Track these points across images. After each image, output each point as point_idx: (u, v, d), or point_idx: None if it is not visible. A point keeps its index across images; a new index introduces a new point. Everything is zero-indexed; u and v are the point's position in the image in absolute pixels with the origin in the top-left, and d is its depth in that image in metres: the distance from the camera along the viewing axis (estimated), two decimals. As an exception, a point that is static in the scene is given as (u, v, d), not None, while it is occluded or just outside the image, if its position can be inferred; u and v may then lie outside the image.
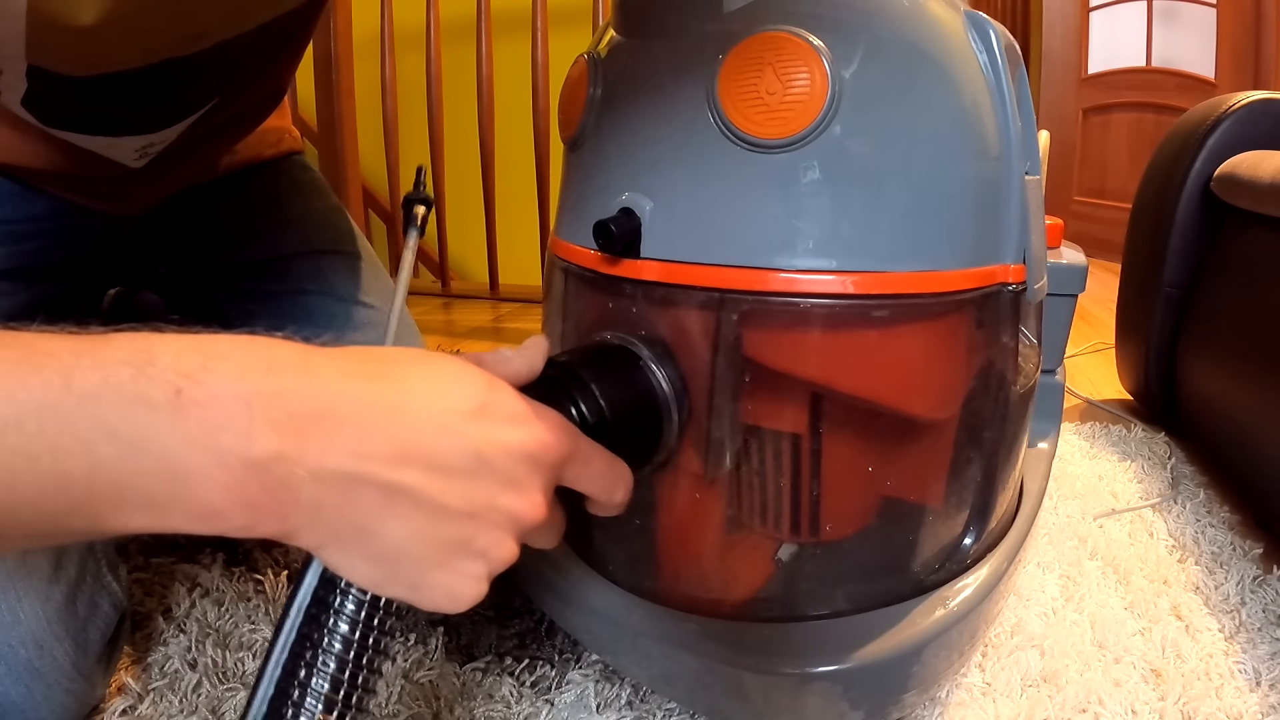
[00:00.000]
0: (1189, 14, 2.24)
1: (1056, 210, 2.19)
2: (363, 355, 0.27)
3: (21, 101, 0.46)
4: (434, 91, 1.59)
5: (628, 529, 0.44)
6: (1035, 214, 0.42)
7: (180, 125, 0.54)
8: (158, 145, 0.55)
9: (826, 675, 0.38)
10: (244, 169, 0.68)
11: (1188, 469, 0.82)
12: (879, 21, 0.36)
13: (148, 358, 0.23)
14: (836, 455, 0.39)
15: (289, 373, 0.25)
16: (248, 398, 0.24)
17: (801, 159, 0.35)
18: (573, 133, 0.43)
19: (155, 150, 0.55)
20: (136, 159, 0.54)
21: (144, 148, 0.54)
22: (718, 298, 0.37)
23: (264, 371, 0.24)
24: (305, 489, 0.24)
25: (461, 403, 0.27)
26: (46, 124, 0.49)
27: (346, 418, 0.25)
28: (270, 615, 0.55)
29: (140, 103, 0.49)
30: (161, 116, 0.52)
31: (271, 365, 0.25)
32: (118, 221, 0.59)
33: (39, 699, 0.41)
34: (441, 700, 0.47)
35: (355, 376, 0.26)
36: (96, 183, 0.55)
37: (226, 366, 0.24)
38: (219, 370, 0.24)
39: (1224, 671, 0.50)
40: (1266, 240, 0.75)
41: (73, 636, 0.43)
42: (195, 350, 0.24)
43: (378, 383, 0.26)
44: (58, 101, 0.47)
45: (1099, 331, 1.37)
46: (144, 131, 0.52)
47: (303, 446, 0.24)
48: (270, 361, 0.25)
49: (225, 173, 0.67)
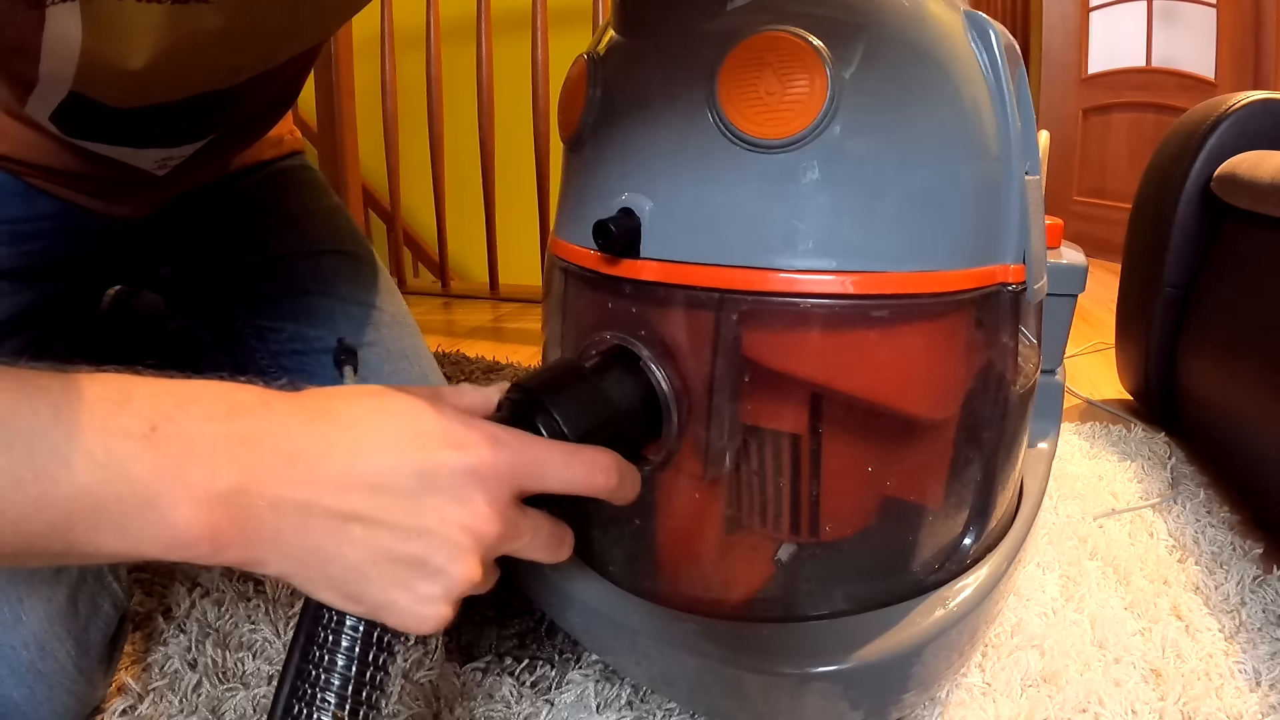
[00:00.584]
0: (1189, 14, 2.24)
1: (1056, 210, 2.19)
2: (315, 395, 0.30)
3: (50, 116, 0.47)
4: (434, 91, 1.59)
5: (627, 529, 0.44)
6: (1035, 214, 0.42)
7: (196, 145, 0.55)
8: (178, 158, 0.55)
9: (826, 675, 0.38)
10: (246, 169, 0.69)
11: (1188, 469, 0.82)
12: (879, 21, 0.36)
13: (125, 396, 0.26)
14: (836, 455, 0.39)
15: (248, 415, 0.28)
16: (213, 437, 0.27)
17: (801, 159, 0.35)
18: (572, 133, 0.43)
19: (175, 162, 0.56)
20: (157, 168, 0.55)
21: (164, 159, 0.55)
22: (717, 298, 0.37)
23: (226, 414, 0.27)
24: (265, 518, 0.27)
25: (404, 430, 0.29)
26: (71, 135, 0.49)
27: (299, 453, 0.28)
28: (270, 615, 0.55)
29: (170, 125, 0.51)
30: (189, 135, 0.53)
31: (234, 408, 0.28)
32: (120, 222, 0.59)
33: (41, 700, 0.41)
34: (441, 700, 0.47)
35: (307, 415, 0.29)
36: (107, 185, 0.55)
37: (195, 409, 0.27)
38: (188, 412, 0.27)
39: (1224, 671, 0.50)
40: (1266, 240, 0.75)
41: (74, 637, 0.43)
42: (168, 393, 0.27)
43: (326, 420, 0.29)
44: (88, 120, 0.48)
45: (1099, 331, 1.37)
46: (168, 146, 0.53)
47: (260, 480, 0.27)
48: (233, 405, 0.28)
49: (228, 173, 0.67)
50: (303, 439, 0.28)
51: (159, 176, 0.56)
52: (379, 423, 0.29)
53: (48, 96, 0.45)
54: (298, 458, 0.27)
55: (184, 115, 0.49)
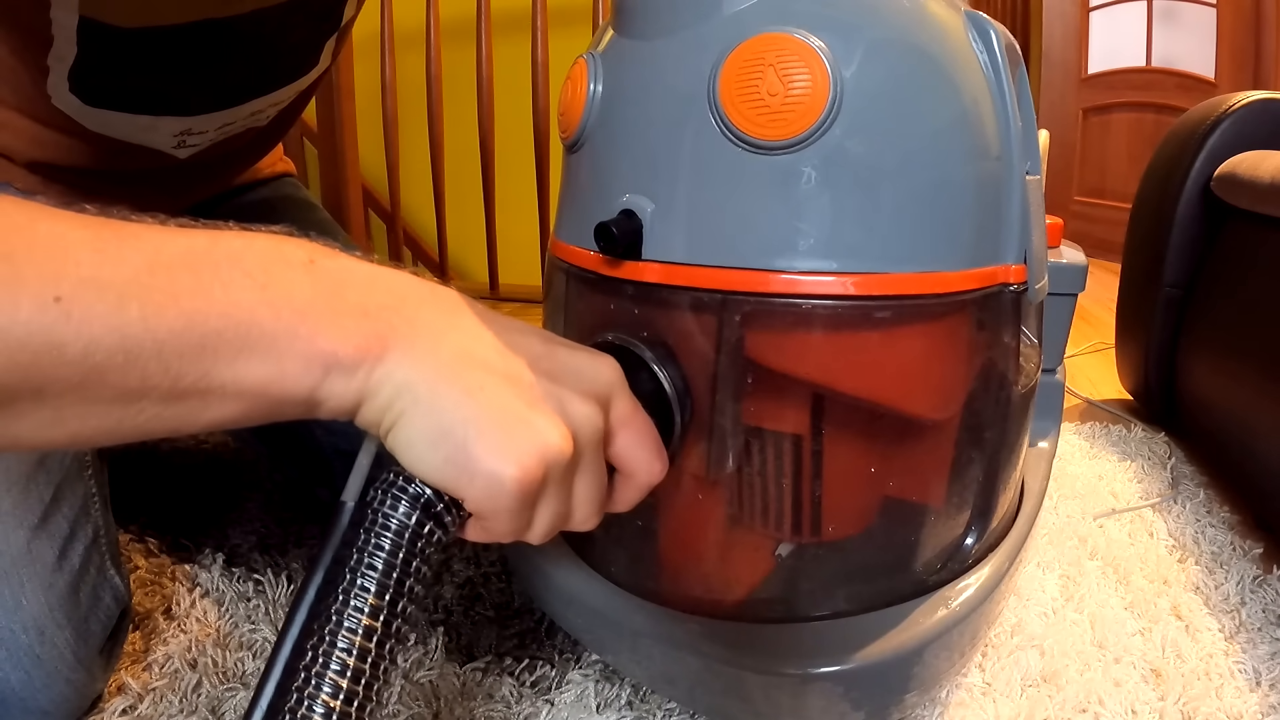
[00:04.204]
0: (1189, 14, 2.24)
1: (1056, 210, 2.18)
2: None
3: (70, 73, 0.47)
4: (434, 91, 1.59)
5: (629, 529, 0.44)
6: (1036, 214, 0.42)
7: (217, 116, 0.55)
8: (195, 136, 0.56)
9: (828, 676, 0.38)
10: (245, 186, 0.72)
11: (1188, 469, 0.82)
12: (880, 22, 0.36)
13: (285, 237, 0.27)
14: (838, 456, 0.39)
15: (403, 271, 0.29)
16: (368, 272, 0.28)
17: (803, 160, 0.35)
18: (572, 134, 0.43)
19: (192, 142, 0.56)
20: (175, 146, 0.55)
21: (182, 134, 0.55)
22: (720, 299, 0.37)
23: (376, 264, 0.29)
24: (409, 337, 0.27)
25: (537, 329, 0.32)
26: (91, 103, 0.50)
27: (445, 299, 0.29)
28: (270, 615, 0.55)
29: (179, 71, 0.51)
30: (199, 94, 0.54)
31: (387, 265, 0.29)
32: None
33: (39, 686, 0.42)
34: (441, 700, 0.47)
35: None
36: (118, 186, 0.56)
37: (352, 256, 0.28)
38: (346, 256, 0.28)
39: (1224, 671, 0.51)
40: (1266, 240, 0.75)
41: (74, 625, 0.44)
42: (324, 244, 0.28)
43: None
44: (103, 71, 0.48)
45: (1099, 331, 1.37)
46: (183, 112, 0.54)
47: (412, 305, 0.28)
48: (386, 264, 0.29)
49: (230, 188, 0.70)
50: (449, 295, 0.30)
51: (173, 169, 0.56)
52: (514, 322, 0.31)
53: (63, 51, 0.45)
54: (442, 302, 0.29)
55: (189, 53, 0.50)
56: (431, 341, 0.27)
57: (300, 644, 0.26)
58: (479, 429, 0.27)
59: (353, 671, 0.25)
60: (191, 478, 0.79)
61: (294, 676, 0.25)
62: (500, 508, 0.27)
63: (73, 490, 0.47)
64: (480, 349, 0.28)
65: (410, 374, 0.27)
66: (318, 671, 0.25)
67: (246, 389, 0.25)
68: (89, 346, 0.22)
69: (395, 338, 0.27)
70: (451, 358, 0.27)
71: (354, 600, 0.26)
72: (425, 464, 0.27)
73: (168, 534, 0.66)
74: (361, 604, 0.26)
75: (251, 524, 0.68)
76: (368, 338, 0.26)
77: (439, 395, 0.27)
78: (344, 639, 0.25)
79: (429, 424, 0.27)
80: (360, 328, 0.26)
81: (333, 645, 0.25)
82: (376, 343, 0.26)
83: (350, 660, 0.25)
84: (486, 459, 0.26)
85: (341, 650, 0.25)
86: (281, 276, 0.26)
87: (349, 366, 0.26)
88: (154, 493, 0.73)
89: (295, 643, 0.26)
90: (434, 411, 0.26)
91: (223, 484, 0.76)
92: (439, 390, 0.27)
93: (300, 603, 0.27)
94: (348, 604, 0.26)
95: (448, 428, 0.26)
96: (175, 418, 0.25)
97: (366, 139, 1.71)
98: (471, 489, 0.27)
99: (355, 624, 0.26)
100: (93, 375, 0.23)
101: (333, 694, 0.25)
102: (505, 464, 0.26)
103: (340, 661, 0.25)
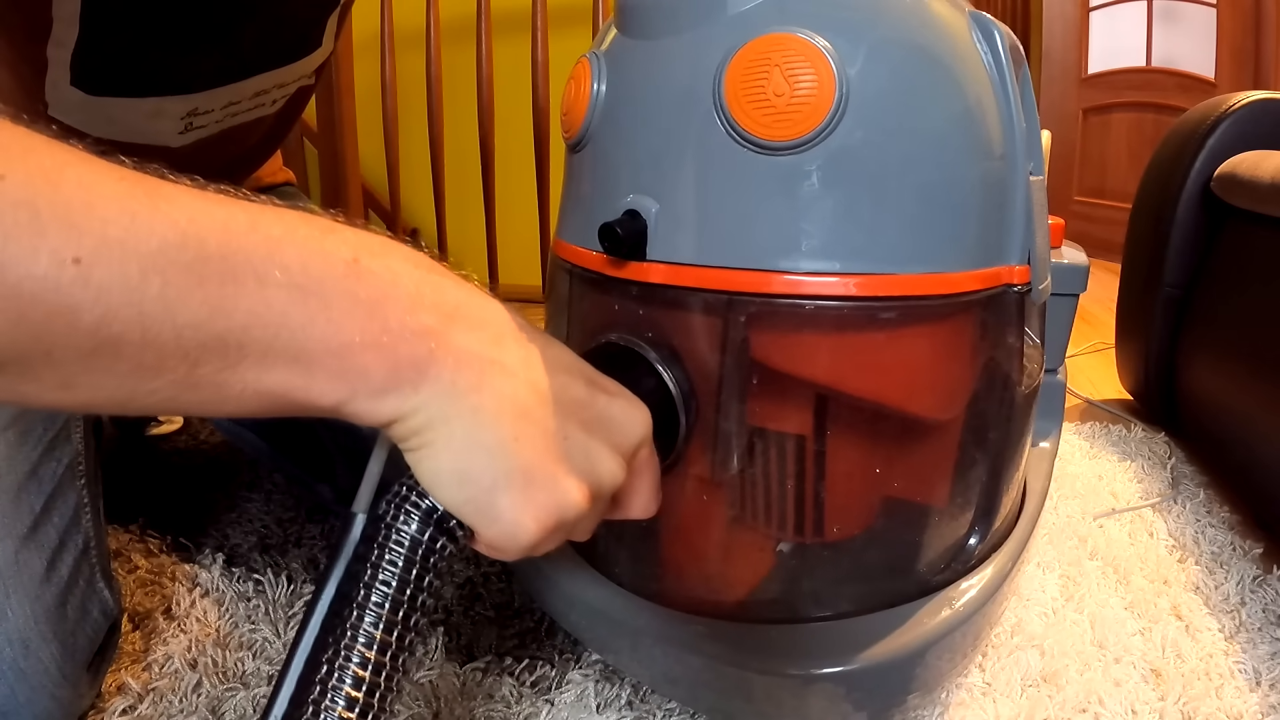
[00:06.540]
0: (1189, 14, 2.24)
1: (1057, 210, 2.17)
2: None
3: (71, 61, 0.46)
4: (434, 91, 1.59)
5: (632, 530, 0.44)
6: (1039, 214, 0.42)
7: (222, 93, 0.54)
8: (201, 117, 0.55)
9: (831, 677, 0.38)
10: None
11: (1188, 469, 0.82)
12: (885, 22, 0.36)
13: (330, 226, 0.25)
14: (842, 456, 0.39)
15: (448, 277, 0.28)
16: (415, 280, 0.26)
17: (808, 161, 0.35)
18: (576, 133, 0.42)
19: (199, 124, 0.55)
20: (182, 131, 0.54)
21: (189, 116, 0.54)
22: (725, 300, 0.37)
23: (428, 267, 0.27)
24: (446, 366, 0.26)
25: (581, 365, 0.31)
26: (94, 92, 0.48)
27: (488, 322, 0.28)
28: (270, 615, 0.55)
29: (183, 41, 0.49)
30: (203, 66, 0.52)
31: (433, 266, 0.27)
32: None
33: (22, 701, 0.41)
34: (441, 700, 0.47)
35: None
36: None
37: (398, 252, 0.26)
38: (394, 252, 0.26)
39: (1224, 671, 0.51)
40: (1266, 240, 0.75)
41: (60, 640, 0.42)
42: (370, 234, 0.26)
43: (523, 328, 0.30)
44: (106, 49, 0.46)
45: (1099, 331, 1.37)
46: (187, 89, 0.52)
47: (452, 329, 0.26)
48: (432, 264, 0.28)
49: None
50: (495, 314, 0.28)
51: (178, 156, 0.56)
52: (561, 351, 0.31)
53: (63, 36, 0.44)
54: (487, 325, 0.27)
55: (194, 19, 0.48)
56: (473, 379, 0.26)
57: (314, 656, 0.26)
58: (508, 482, 0.27)
59: (367, 685, 0.26)
60: (191, 478, 0.79)
61: (308, 688, 0.26)
62: (511, 549, 0.28)
63: (64, 500, 0.45)
64: (521, 394, 0.27)
65: (446, 409, 0.26)
66: (333, 685, 0.26)
67: (266, 391, 0.24)
68: (105, 317, 0.21)
69: (435, 368, 0.25)
70: (491, 401, 0.26)
71: (367, 614, 0.26)
72: (447, 496, 0.27)
73: (168, 534, 0.65)
74: (375, 618, 0.26)
75: (251, 524, 0.68)
76: (404, 364, 0.25)
77: (473, 440, 0.26)
78: (358, 653, 0.26)
79: (458, 465, 0.26)
80: (398, 350, 0.25)
81: (348, 659, 0.26)
82: (413, 370, 0.25)
83: (365, 674, 0.26)
84: (509, 511, 0.27)
85: (356, 664, 0.26)
86: (320, 278, 0.24)
87: (380, 389, 0.25)
88: (154, 493, 0.73)
89: (309, 655, 0.27)
90: (465, 454, 0.26)
91: (223, 484, 0.76)
92: (474, 435, 0.26)
93: (313, 614, 0.27)
94: (362, 618, 0.26)
95: (476, 474, 0.26)
96: (190, 404, 0.23)
97: (366, 139, 1.70)
98: (488, 532, 0.27)
99: (369, 638, 0.26)
100: (106, 346, 0.21)
101: (347, 706, 0.25)
102: (524, 519, 0.27)
103: (354, 675, 0.26)
